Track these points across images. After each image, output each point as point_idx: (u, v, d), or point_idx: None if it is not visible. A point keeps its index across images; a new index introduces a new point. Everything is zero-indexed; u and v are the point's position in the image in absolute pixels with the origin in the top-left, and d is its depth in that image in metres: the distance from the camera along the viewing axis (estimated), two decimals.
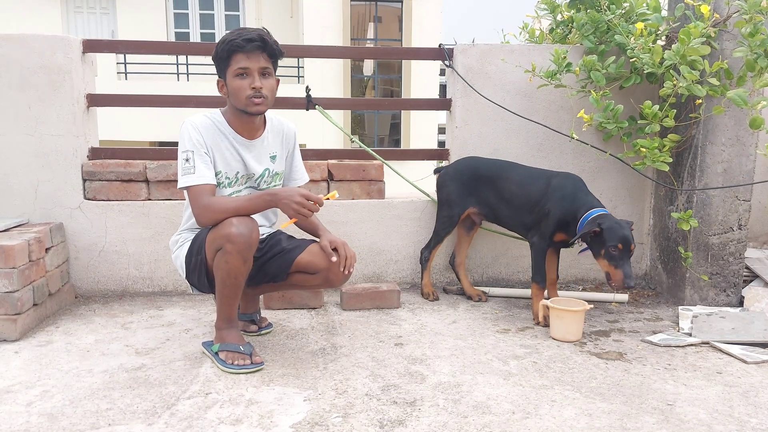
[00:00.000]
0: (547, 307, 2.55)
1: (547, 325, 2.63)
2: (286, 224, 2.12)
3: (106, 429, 1.72)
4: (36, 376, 2.07)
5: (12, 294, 2.39)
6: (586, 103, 3.07)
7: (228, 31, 2.15)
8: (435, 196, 3.17)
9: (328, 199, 2.14)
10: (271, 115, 2.33)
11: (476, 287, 3.11)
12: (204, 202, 2.08)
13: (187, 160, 2.11)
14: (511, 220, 2.89)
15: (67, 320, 2.67)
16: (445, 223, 3.01)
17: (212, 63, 2.18)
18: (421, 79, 11.32)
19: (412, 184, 3.23)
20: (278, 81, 2.22)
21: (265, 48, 2.11)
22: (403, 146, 11.52)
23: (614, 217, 2.54)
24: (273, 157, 2.32)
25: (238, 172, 2.23)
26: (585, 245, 2.62)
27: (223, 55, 2.11)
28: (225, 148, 2.19)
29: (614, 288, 2.48)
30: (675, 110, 2.81)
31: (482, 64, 3.16)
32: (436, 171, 3.17)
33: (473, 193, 2.96)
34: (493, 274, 3.32)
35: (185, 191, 2.15)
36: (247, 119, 2.20)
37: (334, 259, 2.18)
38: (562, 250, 3.20)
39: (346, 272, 2.21)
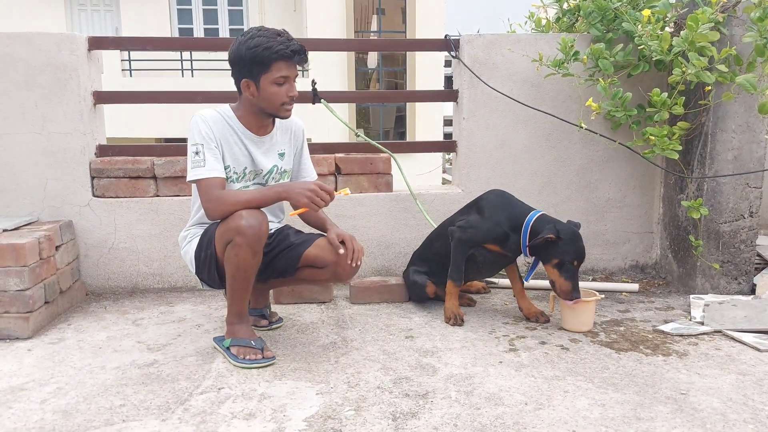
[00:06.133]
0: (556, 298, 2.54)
1: (456, 324, 2.53)
2: (294, 213, 2.13)
3: (120, 425, 1.73)
4: (49, 373, 2.09)
5: (24, 292, 2.40)
6: (594, 92, 3.04)
7: (259, 33, 2.09)
8: (417, 190, 3.20)
9: (339, 194, 2.16)
10: None
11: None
12: (215, 195, 2.08)
13: (196, 153, 2.11)
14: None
15: (78, 317, 2.68)
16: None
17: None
18: (425, 70, 11.26)
19: (407, 183, 3.21)
20: None
21: (304, 59, 2.14)
22: (408, 138, 11.48)
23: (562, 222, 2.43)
24: (282, 155, 2.32)
25: (246, 168, 2.23)
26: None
27: (263, 60, 2.07)
28: (234, 143, 2.19)
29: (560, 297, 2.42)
30: (684, 97, 2.79)
31: (489, 54, 3.14)
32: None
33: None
34: None
35: (194, 184, 2.15)
36: (262, 118, 2.21)
37: (342, 251, 2.17)
38: None
39: (354, 265, 2.20)
